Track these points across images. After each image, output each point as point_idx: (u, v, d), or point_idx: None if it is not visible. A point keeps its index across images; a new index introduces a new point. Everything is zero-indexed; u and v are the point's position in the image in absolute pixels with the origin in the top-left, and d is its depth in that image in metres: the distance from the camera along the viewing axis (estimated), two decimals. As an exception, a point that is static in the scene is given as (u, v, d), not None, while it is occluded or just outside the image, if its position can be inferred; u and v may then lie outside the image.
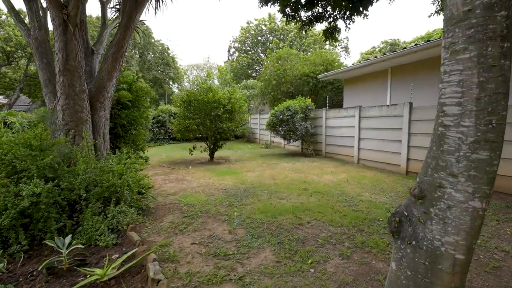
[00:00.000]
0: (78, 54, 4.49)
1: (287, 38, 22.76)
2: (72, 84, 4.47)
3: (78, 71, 4.51)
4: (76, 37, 4.40)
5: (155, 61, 21.35)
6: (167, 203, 4.43)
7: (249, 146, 14.49)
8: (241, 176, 6.36)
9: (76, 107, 4.54)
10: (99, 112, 5.03)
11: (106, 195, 3.65)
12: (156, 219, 3.78)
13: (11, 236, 2.86)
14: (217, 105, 8.26)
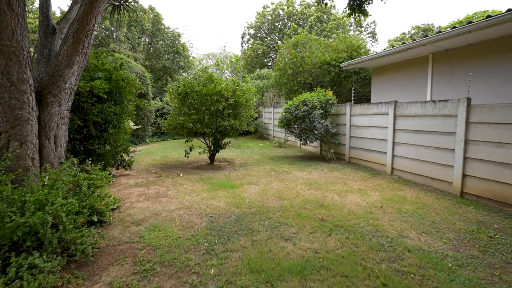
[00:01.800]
0: (17, 31, 3.22)
1: (306, 23, 20.63)
2: (7, 71, 3.23)
3: (16, 53, 3.25)
4: (13, 7, 3.12)
5: (164, 49, 20.19)
6: (122, 241, 3.14)
7: (260, 144, 13.04)
8: (239, 193, 4.96)
9: (12, 102, 3.31)
10: (50, 108, 3.79)
11: (15, 238, 2.41)
12: (91, 276, 2.49)
13: None
14: (218, 98, 6.85)
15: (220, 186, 5.37)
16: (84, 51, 4.03)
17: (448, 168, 5.05)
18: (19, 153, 3.41)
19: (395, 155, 6.33)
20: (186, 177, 6.20)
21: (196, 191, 5.05)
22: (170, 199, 4.62)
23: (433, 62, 7.51)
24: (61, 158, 3.97)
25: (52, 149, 3.82)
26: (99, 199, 3.70)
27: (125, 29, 16.55)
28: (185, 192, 5.02)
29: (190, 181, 5.87)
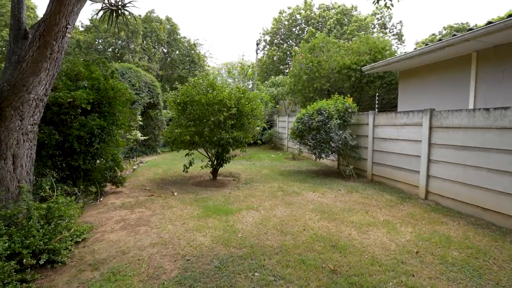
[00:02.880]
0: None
1: (325, 26, 19.60)
2: None
3: None
4: None
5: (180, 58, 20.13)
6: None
7: (273, 155, 12.13)
8: (234, 222, 4.09)
9: None
10: (9, 122, 3.21)
11: None
12: None
13: None
14: (219, 107, 6.10)
15: (213, 211, 4.54)
16: (53, 56, 3.44)
17: (508, 197, 3.84)
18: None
19: (430, 175, 5.15)
20: (180, 197, 5.46)
21: (183, 218, 4.25)
22: (150, 228, 3.86)
23: (477, 61, 6.25)
24: (22, 180, 3.36)
25: (8, 170, 3.22)
26: (55, 233, 3.02)
27: (140, 39, 16.66)
28: (171, 218, 4.24)
29: (182, 202, 5.11)
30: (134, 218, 4.28)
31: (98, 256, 3.09)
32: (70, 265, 2.91)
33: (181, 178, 7.38)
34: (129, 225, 4.02)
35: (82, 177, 5.36)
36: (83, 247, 3.32)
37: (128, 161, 10.31)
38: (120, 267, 2.84)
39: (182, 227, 3.90)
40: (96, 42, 16.54)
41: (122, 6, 5.85)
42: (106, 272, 2.75)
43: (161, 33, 18.37)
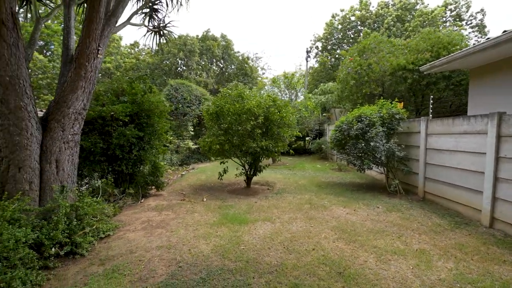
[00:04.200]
0: (12, 61, 3.45)
1: (382, 25, 17.81)
2: (6, 99, 3.47)
3: (12, 82, 3.47)
4: (5, 39, 3.36)
5: (234, 72, 21.26)
6: (65, 286, 2.71)
7: (318, 165, 11.49)
8: (243, 233, 3.98)
9: (10, 129, 3.51)
10: (53, 133, 3.91)
11: None
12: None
13: None
14: (247, 116, 6.15)
15: (229, 220, 4.52)
16: (88, 75, 4.08)
17: None
18: (17, 177, 3.54)
19: (498, 197, 4.04)
20: (207, 203, 5.64)
21: (199, 224, 4.35)
22: (165, 231, 4.08)
23: None
24: (63, 182, 4.02)
25: (53, 173, 3.89)
26: (77, 228, 3.48)
27: (196, 57, 18.33)
28: (187, 224, 4.40)
29: (206, 208, 5.26)
30: (157, 220, 4.60)
31: (111, 252, 3.41)
32: (87, 257, 3.29)
33: (219, 185, 7.64)
34: (150, 226, 4.34)
35: (127, 181, 6.08)
36: (104, 242, 3.72)
37: (182, 167, 11.25)
38: (122, 265, 3.07)
39: (193, 233, 4.00)
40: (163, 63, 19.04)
41: (163, 27, 6.54)
42: (108, 268, 3.01)
43: (216, 49, 19.89)
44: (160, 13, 6.72)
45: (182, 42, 18.21)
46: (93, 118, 4.94)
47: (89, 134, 5.00)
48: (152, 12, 6.58)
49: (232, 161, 7.13)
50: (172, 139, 11.38)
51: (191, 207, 5.42)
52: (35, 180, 3.70)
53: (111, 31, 4.33)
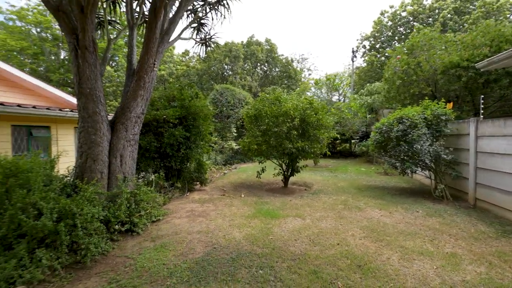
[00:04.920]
0: (91, 77, 4.39)
1: (437, 20, 16.10)
2: (86, 107, 4.42)
3: (92, 93, 4.40)
4: (87, 59, 4.31)
5: (278, 75, 21.64)
6: (125, 254, 3.36)
7: (363, 169, 11.08)
8: (273, 226, 4.29)
9: (89, 130, 4.45)
10: (119, 133, 4.79)
11: (41, 235, 3.06)
12: (75, 281, 2.78)
13: None
14: (284, 119, 6.45)
15: (262, 214, 4.87)
16: (146, 85, 4.88)
17: None
18: (93, 167, 4.45)
19: (558, 205, 3.60)
20: (245, 199, 6.08)
21: (235, 216, 4.81)
22: (205, 219, 4.63)
23: None
24: (125, 173, 4.86)
25: (117, 165, 4.75)
26: (135, 211, 4.22)
27: (241, 62, 19.24)
28: (225, 215, 4.89)
29: (243, 203, 5.70)
30: (199, 210, 5.20)
31: (160, 233, 4.05)
32: (141, 235, 3.99)
33: (257, 184, 8.06)
34: (193, 215, 4.94)
35: (176, 176, 6.90)
36: (155, 225, 4.41)
37: (225, 167, 12.03)
38: (168, 243, 3.66)
39: (228, 222, 4.46)
40: (211, 69, 20.53)
41: (209, 39, 7.27)
42: (158, 244, 3.63)
43: (259, 54, 20.59)
44: (207, 26, 7.50)
45: (228, 49, 19.40)
46: (149, 121, 5.82)
47: (145, 135, 5.90)
48: (200, 26, 7.38)
49: (271, 162, 7.49)
50: (217, 140, 12.26)
51: (230, 201, 5.93)
52: (105, 171, 4.58)
53: (165, 47, 5.11)
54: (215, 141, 12.03)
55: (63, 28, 4.29)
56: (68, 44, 4.42)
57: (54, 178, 3.82)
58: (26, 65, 21.27)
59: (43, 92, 8.82)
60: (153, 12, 4.70)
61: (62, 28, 4.32)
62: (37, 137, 7.33)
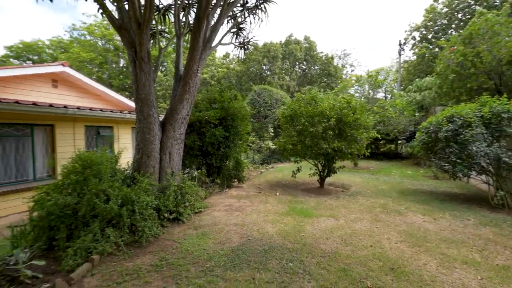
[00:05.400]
0: (146, 84, 5.02)
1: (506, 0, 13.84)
2: (142, 110, 5.08)
3: (146, 98, 5.04)
4: (143, 69, 4.94)
5: (317, 73, 21.14)
6: (173, 238, 3.83)
7: (409, 172, 10.36)
8: (305, 224, 4.40)
9: (144, 130, 5.11)
10: (168, 133, 5.39)
11: (109, 217, 3.67)
12: (133, 256, 3.30)
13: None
14: (319, 119, 6.46)
15: (296, 212, 5.01)
16: (190, 90, 5.39)
17: None
18: (147, 163, 5.10)
19: None
20: (279, 197, 6.27)
21: (269, 212, 5.03)
22: (241, 214, 4.95)
23: None
24: (173, 169, 5.43)
25: (167, 161, 5.35)
26: (181, 202, 4.73)
27: (279, 62, 19.29)
28: (260, 211, 5.15)
29: (278, 201, 5.90)
30: (236, 206, 5.55)
31: (202, 223, 4.48)
32: (186, 224, 4.46)
33: (293, 183, 8.17)
34: (230, 209, 5.31)
35: (216, 173, 7.40)
36: (198, 216, 4.87)
37: (263, 166, 12.34)
38: (208, 232, 4.05)
39: (263, 218, 4.70)
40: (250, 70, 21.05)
41: (247, 42, 7.60)
42: (199, 232, 4.04)
43: (298, 53, 20.37)
44: (245, 30, 7.84)
45: (266, 50, 19.68)
46: (193, 121, 6.37)
47: (190, 134, 6.46)
48: (238, 31, 7.75)
49: (307, 162, 7.53)
50: (254, 139, 12.62)
51: (265, 198, 6.17)
52: (156, 166, 5.20)
53: (207, 54, 5.57)
54: (252, 140, 12.39)
55: (124, 43, 4.99)
56: (128, 56, 5.13)
57: (117, 170, 4.51)
58: (94, 74, 24.45)
59: (107, 97, 10.16)
60: (197, 22, 5.17)
61: (123, 43, 5.03)
62: (103, 136, 8.53)
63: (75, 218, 3.50)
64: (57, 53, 26.18)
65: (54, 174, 6.85)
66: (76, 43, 24.53)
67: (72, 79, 8.83)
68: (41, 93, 8.06)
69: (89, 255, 3.18)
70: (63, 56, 23.72)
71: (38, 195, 3.72)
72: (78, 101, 9.06)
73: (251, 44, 7.57)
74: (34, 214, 3.63)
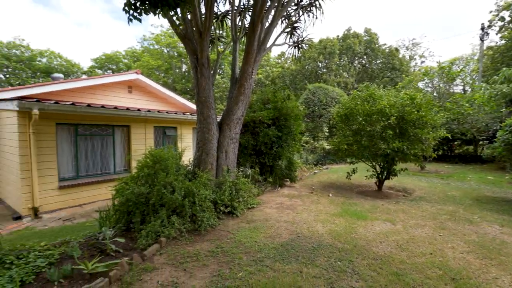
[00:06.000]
0: (206, 88, 5.55)
1: None
2: (202, 112, 5.63)
3: (206, 101, 5.57)
4: (203, 74, 5.48)
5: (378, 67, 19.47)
6: (227, 229, 4.19)
7: (490, 177, 8.94)
8: (358, 226, 4.27)
9: (204, 130, 5.66)
10: (224, 132, 5.85)
11: (174, 206, 4.22)
12: (193, 242, 3.75)
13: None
14: (378, 117, 6.11)
15: (349, 214, 4.89)
16: (245, 92, 5.73)
17: None
18: (206, 160, 5.63)
19: None
20: (332, 198, 6.17)
21: (320, 212, 5.03)
22: (292, 212, 5.07)
23: None
24: (228, 166, 5.86)
25: (223, 159, 5.80)
26: (235, 197, 5.09)
27: (336, 58, 18.43)
28: (311, 210, 5.18)
29: (330, 202, 5.82)
30: (287, 204, 5.68)
31: (254, 218, 4.76)
32: (239, 218, 4.80)
33: (347, 185, 7.90)
34: (281, 207, 5.47)
35: (268, 171, 7.65)
36: (250, 211, 5.17)
37: (316, 166, 12.16)
38: (260, 226, 4.29)
39: (313, 217, 4.74)
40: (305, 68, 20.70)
41: (301, 41, 7.63)
42: (251, 226, 4.32)
43: (357, 47, 19.12)
44: (299, 29, 7.88)
45: (322, 46, 19.09)
46: (247, 121, 6.73)
47: (244, 134, 6.84)
48: (293, 30, 7.83)
49: (364, 164, 7.20)
50: (308, 139, 12.49)
51: (317, 199, 6.15)
52: (214, 163, 5.70)
53: (261, 56, 5.84)
54: (306, 140, 12.29)
55: (187, 51, 5.61)
56: (190, 62, 5.74)
57: (181, 166, 5.11)
58: (160, 79, 27.49)
59: (172, 100, 11.38)
60: (252, 26, 5.46)
61: (187, 51, 5.65)
62: (169, 135, 9.64)
63: (147, 206, 4.13)
64: (130, 62, 30.28)
65: (129, 168, 8.07)
66: (146, 52, 27.93)
67: (143, 84, 10.18)
68: (119, 98, 9.51)
69: (157, 238, 3.72)
70: (135, 64, 27.33)
71: (119, 184, 4.49)
72: (148, 104, 10.39)
73: (305, 43, 7.58)
74: (116, 200, 4.41)
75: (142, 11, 3.64)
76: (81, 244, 3.55)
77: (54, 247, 3.40)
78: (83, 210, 6.68)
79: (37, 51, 26.81)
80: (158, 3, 3.59)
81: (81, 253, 3.25)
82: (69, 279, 2.75)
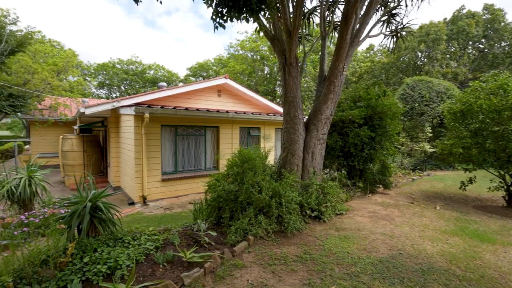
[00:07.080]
0: (293, 87, 5.48)
1: None
2: (289, 112, 5.59)
3: (293, 101, 5.51)
4: (291, 73, 5.41)
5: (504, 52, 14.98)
6: (315, 235, 3.98)
7: None
8: (486, 250, 3.35)
9: (290, 130, 5.61)
10: (311, 133, 5.65)
11: (261, 205, 4.31)
12: (280, 245, 3.72)
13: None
14: (510, 114, 4.72)
15: (467, 234, 3.94)
16: (335, 89, 5.37)
17: None
18: (291, 161, 5.57)
19: None
20: (440, 212, 5.14)
21: (425, 227, 4.23)
22: (389, 223, 4.45)
23: None
24: (315, 168, 5.63)
25: (309, 160, 5.60)
26: (322, 201, 4.83)
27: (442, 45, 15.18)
28: (413, 224, 4.43)
29: (438, 216, 4.85)
30: (382, 213, 5.04)
31: (343, 225, 4.40)
32: (327, 223, 4.53)
33: (460, 197, 6.48)
34: (375, 216, 4.89)
35: (358, 175, 7.01)
36: (339, 218, 4.81)
37: (414, 172, 10.51)
38: (351, 236, 3.92)
39: (418, 233, 4.02)
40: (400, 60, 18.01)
41: (401, 29, 6.66)
42: (341, 234, 3.99)
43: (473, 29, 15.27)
44: (398, 15, 6.89)
45: (424, 33, 16.12)
46: (335, 121, 6.32)
47: (331, 134, 6.46)
48: (390, 18, 6.92)
49: (484, 172, 5.75)
50: (405, 141, 10.89)
51: (420, 211, 5.24)
52: (299, 164, 5.57)
53: (353, 50, 5.37)
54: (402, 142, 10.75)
55: (276, 52, 5.66)
56: (278, 63, 5.77)
57: (266, 166, 5.20)
58: (244, 82, 29.20)
59: (255, 101, 11.86)
60: (344, 18, 5.06)
61: (275, 52, 5.70)
62: (253, 136, 10.07)
63: (235, 203, 4.33)
64: (219, 68, 33.36)
65: (217, 166, 8.81)
66: (232, 58, 30.19)
67: (230, 88, 10.94)
68: (210, 101, 10.50)
69: (245, 235, 3.85)
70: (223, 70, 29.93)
71: (211, 181, 4.88)
72: (234, 106, 11.12)
73: (405, 30, 6.59)
74: (208, 195, 4.79)
75: (228, 18, 3.91)
76: (179, 232, 4.00)
77: (159, 233, 3.93)
78: (179, 201, 7.67)
79: (147, 65, 32.96)
80: (243, 8, 3.76)
81: (179, 241, 3.65)
82: (171, 264, 3.10)
